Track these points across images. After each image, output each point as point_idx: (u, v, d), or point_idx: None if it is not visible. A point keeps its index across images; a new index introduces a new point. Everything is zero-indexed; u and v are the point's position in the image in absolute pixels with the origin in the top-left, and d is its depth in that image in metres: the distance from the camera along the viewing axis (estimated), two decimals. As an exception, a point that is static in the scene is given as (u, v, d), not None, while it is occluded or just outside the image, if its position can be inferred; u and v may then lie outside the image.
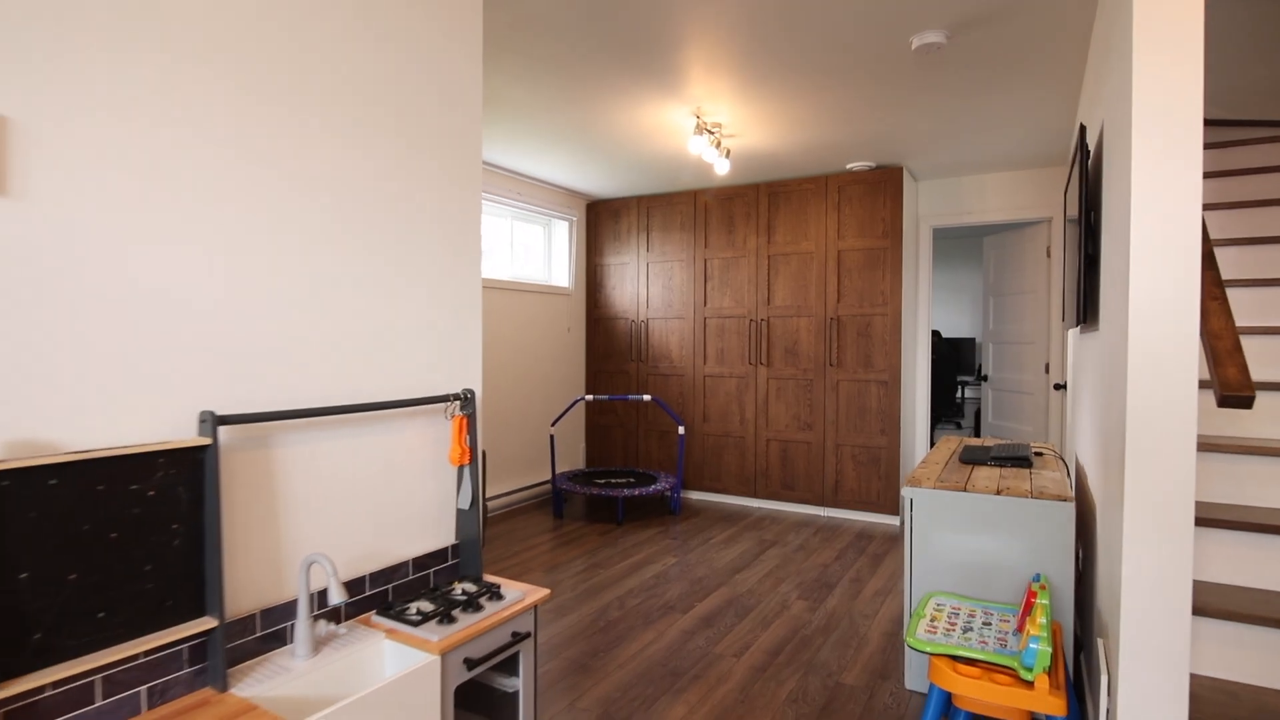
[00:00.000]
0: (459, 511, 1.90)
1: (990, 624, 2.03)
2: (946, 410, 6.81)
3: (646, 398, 4.74)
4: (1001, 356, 5.32)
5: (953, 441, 3.35)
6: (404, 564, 1.78)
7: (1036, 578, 2.06)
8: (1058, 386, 4.56)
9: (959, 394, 7.36)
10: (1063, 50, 2.78)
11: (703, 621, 3.05)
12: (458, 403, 1.89)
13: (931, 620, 2.05)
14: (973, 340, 7.52)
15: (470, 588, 1.78)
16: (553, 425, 4.79)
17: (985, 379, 5.51)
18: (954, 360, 7.28)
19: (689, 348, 5.34)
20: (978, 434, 7.63)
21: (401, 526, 1.79)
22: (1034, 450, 2.99)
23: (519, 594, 1.75)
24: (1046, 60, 2.88)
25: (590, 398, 4.81)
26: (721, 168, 3.96)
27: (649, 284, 5.51)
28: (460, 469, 1.89)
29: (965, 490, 2.34)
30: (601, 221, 5.74)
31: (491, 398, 4.83)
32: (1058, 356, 4.66)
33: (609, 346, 5.72)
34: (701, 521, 4.69)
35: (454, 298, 1.96)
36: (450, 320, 1.94)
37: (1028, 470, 2.62)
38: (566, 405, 5.40)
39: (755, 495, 5.10)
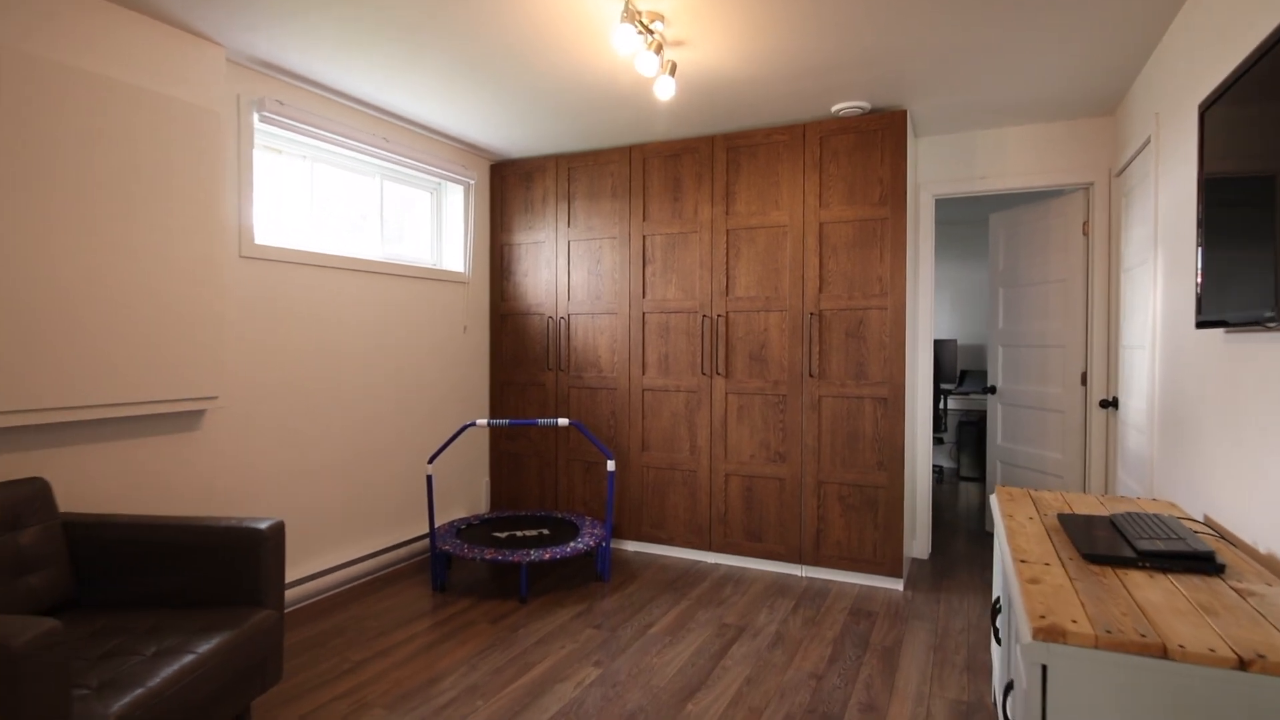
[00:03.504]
0: None
1: None
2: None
3: (563, 422, 3.43)
4: (1015, 363, 4.24)
5: (1024, 502, 2.17)
6: None
7: None
8: (1104, 404, 3.48)
9: (941, 405, 6.33)
10: None
11: (633, 830, 1.76)
12: None
13: None
14: (954, 342, 6.51)
15: None
16: (430, 462, 3.41)
17: (993, 390, 4.43)
18: (936, 365, 6.26)
19: (623, 353, 4.05)
20: (962, 453, 6.62)
21: None
22: (1182, 522, 1.81)
23: None
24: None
25: (484, 422, 3.46)
26: (665, 89, 2.69)
27: (571, 269, 4.20)
28: None
29: (1166, 657, 1.13)
30: (509, 187, 4.40)
31: (350, 418, 3.42)
32: (1100, 364, 3.59)
33: (519, 351, 4.38)
34: (638, 592, 3.40)
35: None
36: None
37: (1221, 579, 1.45)
38: (457, 429, 4.00)
39: (710, 548, 3.85)
